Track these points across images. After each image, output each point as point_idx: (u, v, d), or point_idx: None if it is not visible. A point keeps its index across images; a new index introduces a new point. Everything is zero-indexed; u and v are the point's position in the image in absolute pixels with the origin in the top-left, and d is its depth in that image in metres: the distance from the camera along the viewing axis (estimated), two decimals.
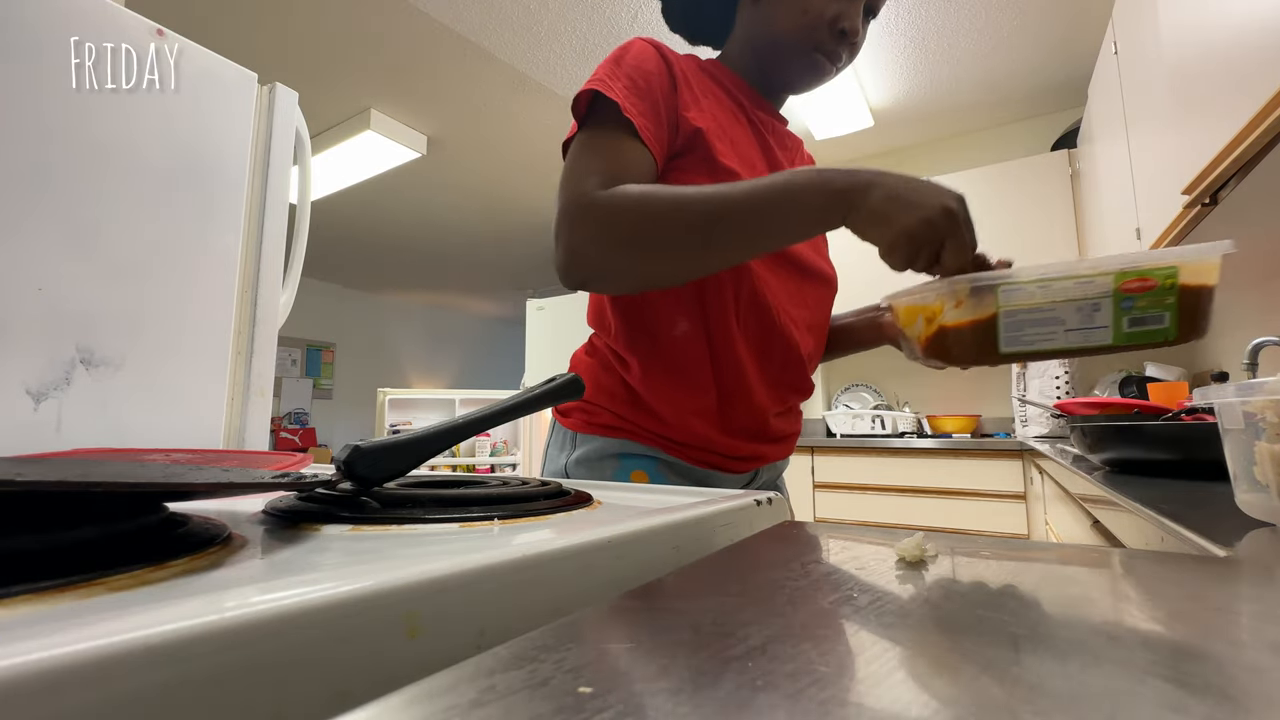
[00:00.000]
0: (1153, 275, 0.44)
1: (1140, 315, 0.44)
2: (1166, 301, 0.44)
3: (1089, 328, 0.45)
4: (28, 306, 0.81)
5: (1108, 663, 0.16)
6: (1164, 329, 0.44)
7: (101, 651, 0.14)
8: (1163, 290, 0.44)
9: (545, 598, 0.25)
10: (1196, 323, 0.45)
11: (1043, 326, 0.46)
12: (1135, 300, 0.44)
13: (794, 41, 0.65)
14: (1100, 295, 0.45)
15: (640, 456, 0.64)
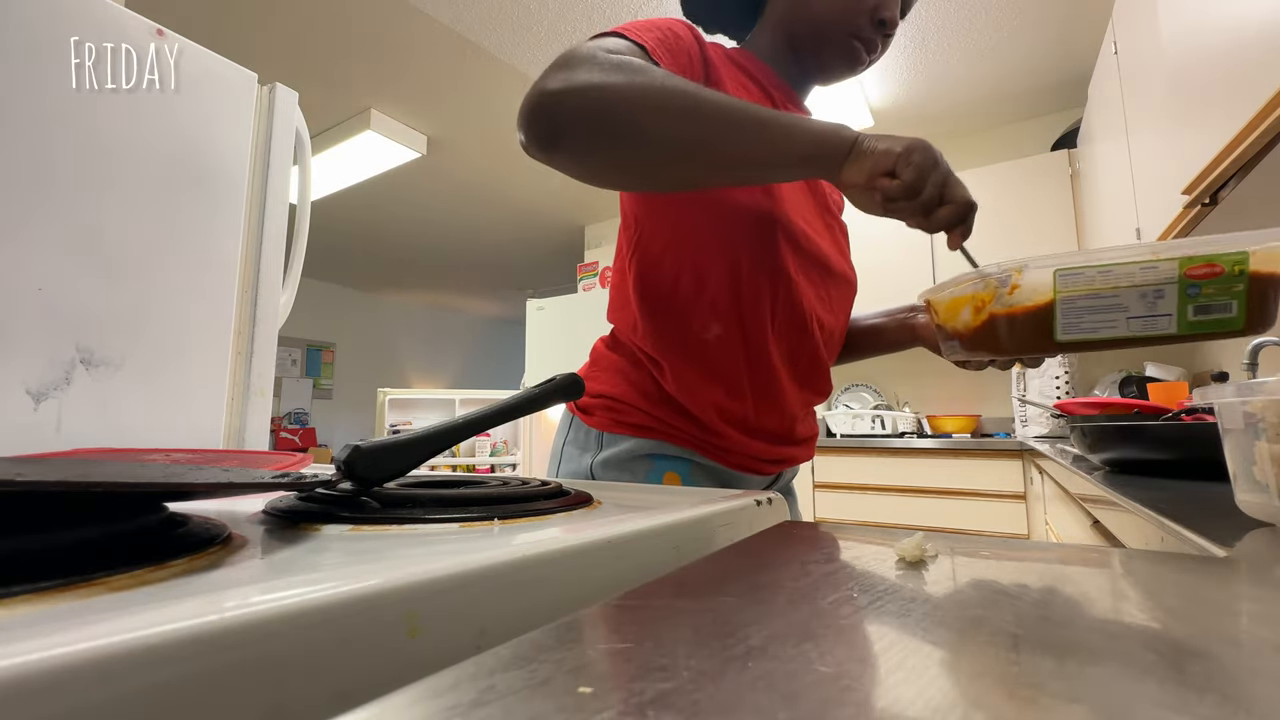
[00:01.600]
0: (1220, 261, 0.41)
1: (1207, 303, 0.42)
2: (1235, 289, 0.41)
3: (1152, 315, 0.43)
4: (28, 306, 0.81)
5: (1108, 662, 0.16)
6: (1232, 318, 0.42)
7: (101, 651, 0.14)
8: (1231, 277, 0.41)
9: (545, 598, 0.25)
10: (1266, 312, 0.42)
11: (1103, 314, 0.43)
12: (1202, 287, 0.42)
13: (834, 26, 0.63)
14: (1165, 281, 0.42)
15: (674, 458, 0.62)
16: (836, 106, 2.80)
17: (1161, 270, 0.42)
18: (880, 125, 3.03)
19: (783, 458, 0.68)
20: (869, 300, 1.10)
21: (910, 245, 2.86)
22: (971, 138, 3.15)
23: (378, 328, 6.53)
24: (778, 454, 0.67)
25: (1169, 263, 0.42)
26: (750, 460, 0.65)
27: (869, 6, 0.62)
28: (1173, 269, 0.42)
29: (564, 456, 0.67)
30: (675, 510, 0.36)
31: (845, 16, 0.62)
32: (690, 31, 0.60)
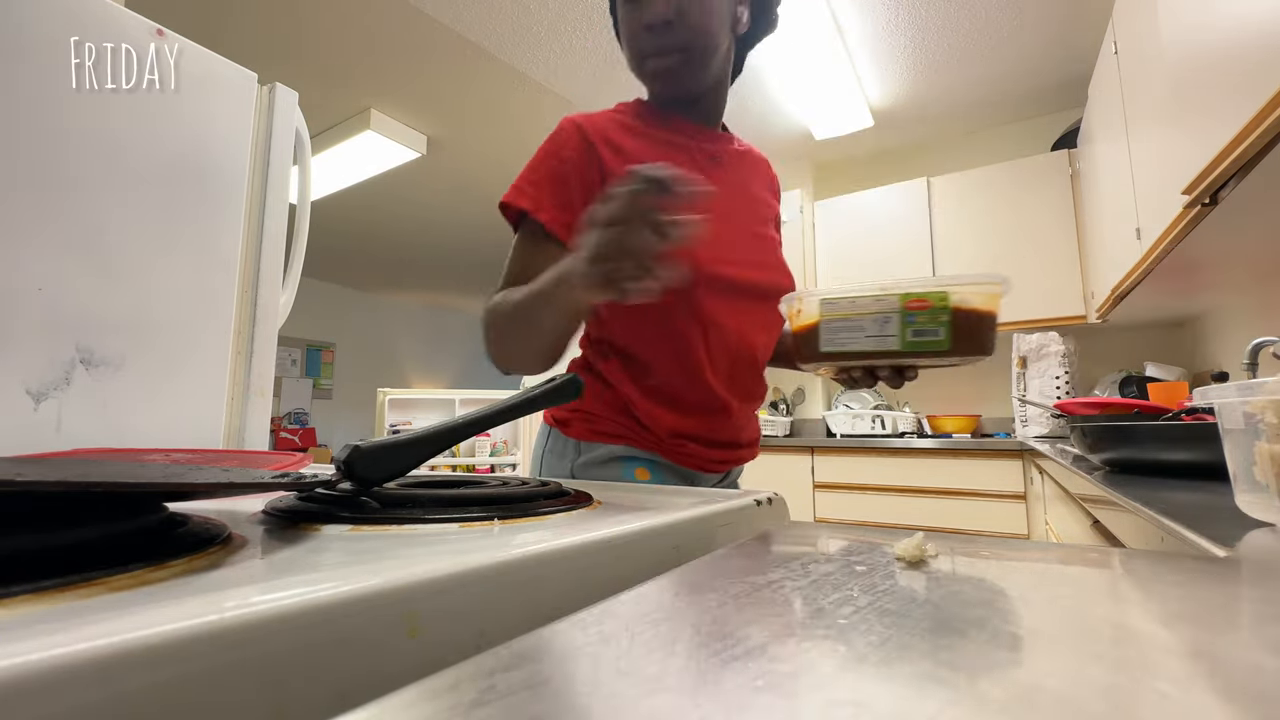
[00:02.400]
0: (929, 297, 0.53)
1: (920, 328, 0.54)
2: (941, 319, 0.53)
3: (883, 335, 0.55)
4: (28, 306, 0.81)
5: (1108, 663, 0.16)
6: (940, 340, 0.53)
7: (101, 651, 0.14)
8: (937, 310, 0.53)
9: (545, 598, 0.25)
10: (972, 339, 0.54)
11: (850, 332, 0.56)
12: (916, 316, 0.54)
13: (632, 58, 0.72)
14: (891, 310, 0.54)
15: (642, 459, 0.72)
16: (837, 107, 2.80)
17: (888, 302, 0.54)
18: (880, 125, 3.04)
19: (732, 459, 0.78)
20: None
21: (914, 246, 2.86)
22: (971, 138, 3.15)
23: (377, 328, 6.53)
24: (727, 456, 0.77)
25: (894, 297, 0.54)
26: (705, 462, 0.75)
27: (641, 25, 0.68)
28: (896, 302, 0.54)
29: (544, 465, 0.76)
30: (675, 510, 0.36)
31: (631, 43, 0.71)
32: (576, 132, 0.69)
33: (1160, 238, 1.27)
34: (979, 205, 2.75)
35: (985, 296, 0.54)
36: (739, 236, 0.74)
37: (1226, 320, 1.99)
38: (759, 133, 3.08)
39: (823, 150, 3.32)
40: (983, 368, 2.95)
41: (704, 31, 0.69)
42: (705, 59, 0.71)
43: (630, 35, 0.70)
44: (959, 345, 0.53)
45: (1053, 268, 2.55)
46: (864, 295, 0.55)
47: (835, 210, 3.09)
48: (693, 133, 0.76)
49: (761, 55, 2.46)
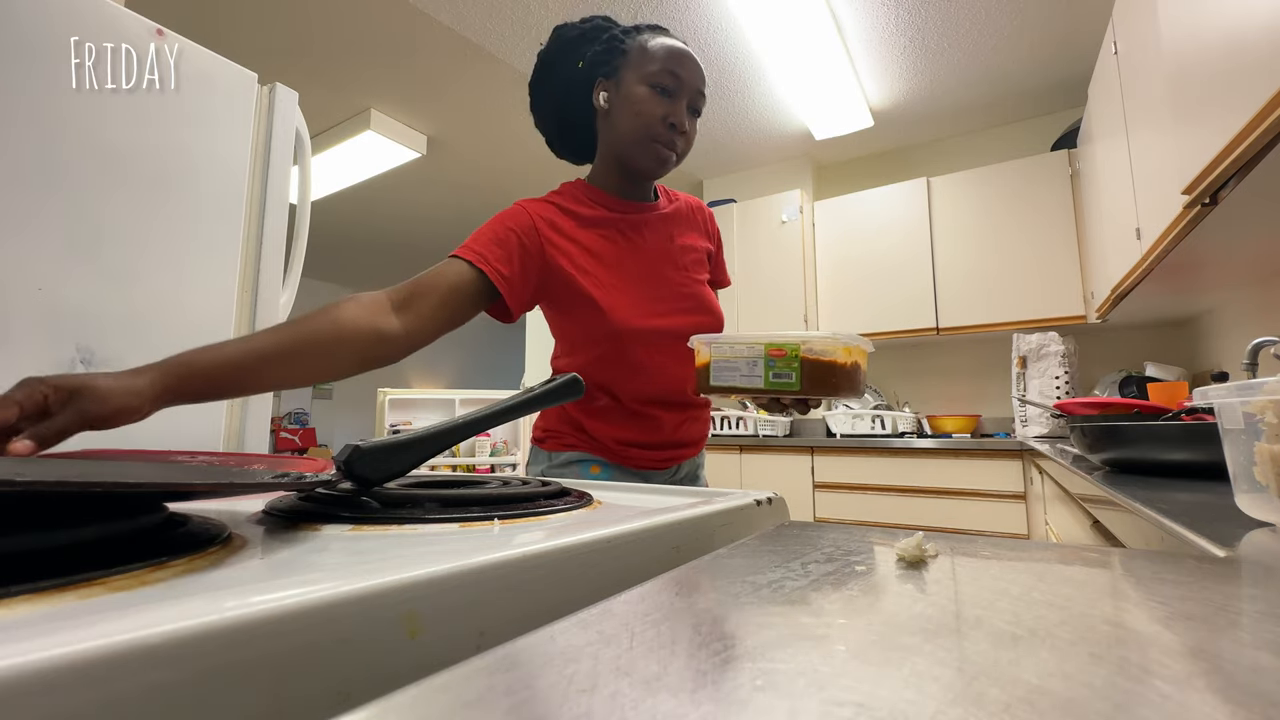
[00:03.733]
0: (785, 347, 0.66)
1: (778, 372, 0.66)
2: (793, 365, 0.65)
3: (752, 375, 0.67)
4: (28, 306, 0.81)
5: (1108, 663, 0.16)
6: (792, 383, 0.65)
7: (101, 651, 0.14)
8: (791, 358, 0.65)
9: (545, 598, 0.25)
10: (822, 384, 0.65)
11: (730, 371, 0.69)
12: (776, 362, 0.66)
13: (637, 136, 0.82)
14: (758, 356, 0.67)
15: (593, 460, 0.87)
16: (837, 107, 2.80)
17: (756, 350, 0.67)
18: (880, 125, 3.04)
19: (673, 457, 0.91)
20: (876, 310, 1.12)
21: (914, 246, 2.86)
22: (971, 138, 3.15)
23: None
24: (669, 455, 0.90)
25: (761, 345, 0.67)
26: (648, 462, 0.89)
27: (660, 115, 0.81)
28: (761, 349, 0.67)
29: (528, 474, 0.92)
30: (675, 510, 0.36)
31: (646, 127, 0.82)
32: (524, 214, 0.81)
33: (1160, 238, 1.27)
34: (979, 205, 2.75)
35: (835, 349, 0.65)
36: (659, 290, 0.87)
37: (1226, 320, 1.99)
38: (759, 133, 3.09)
39: (823, 150, 3.32)
40: (983, 368, 2.96)
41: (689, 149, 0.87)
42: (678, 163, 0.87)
43: (648, 117, 0.81)
44: (809, 387, 0.65)
45: (1053, 268, 2.56)
46: (740, 343, 0.69)
47: (835, 210, 3.09)
48: (622, 208, 0.89)
49: (762, 56, 2.46)
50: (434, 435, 0.39)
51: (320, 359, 0.64)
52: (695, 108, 0.85)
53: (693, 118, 0.85)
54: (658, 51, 0.82)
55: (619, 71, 0.83)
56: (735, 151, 3.29)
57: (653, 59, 0.82)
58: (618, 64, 0.83)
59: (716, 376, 0.70)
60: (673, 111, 0.82)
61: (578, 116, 0.89)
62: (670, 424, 0.88)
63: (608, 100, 0.84)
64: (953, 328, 2.75)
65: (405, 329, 0.71)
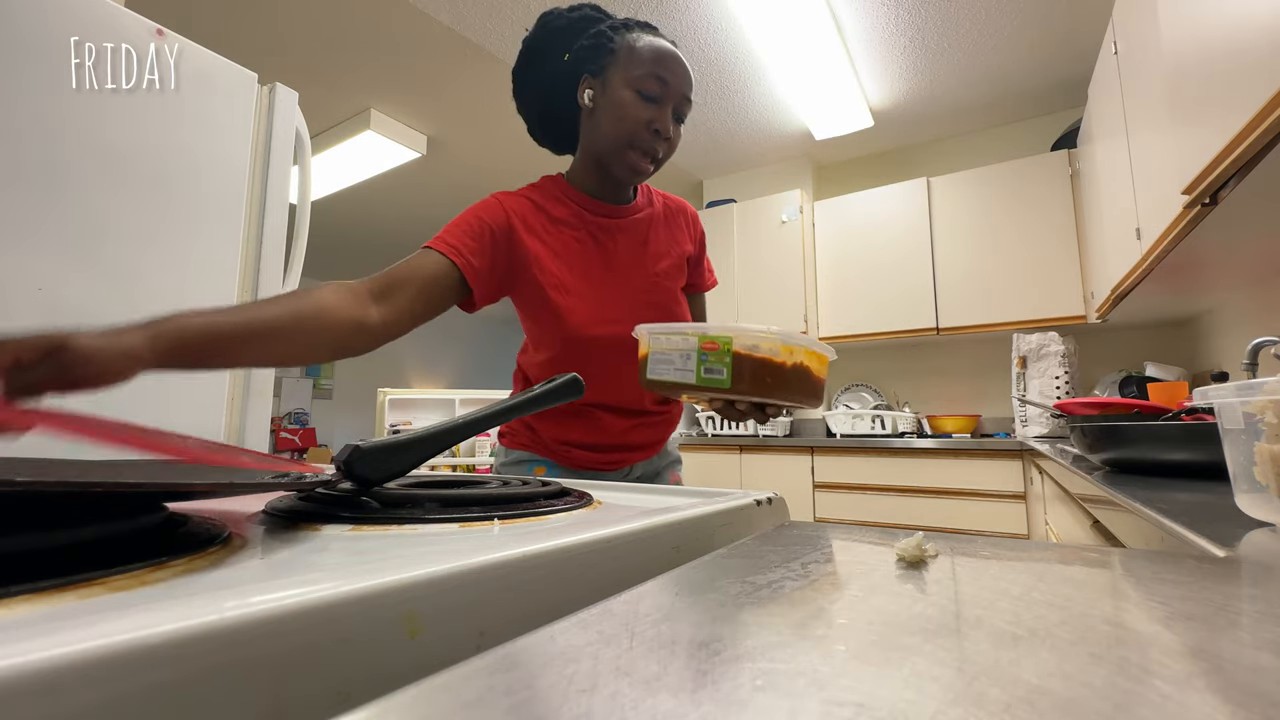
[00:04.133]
0: (718, 341, 0.61)
1: (710, 366, 0.61)
2: (725, 360, 0.60)
3: (685, 369, 0.63)
4: (28, 306, 0.81)
5: (1108, 663, 0.16)
6: (722, 379, 0.60)
7: (101, 651, 0.14)
8: (723, 352, 0.61)
9: (545, 598, 0.25)
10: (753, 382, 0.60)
11: (665, 365, 0.65)
12: (708, 356, 0.61)
13: (618, 140, 0.81)
14: (691, 349, 0.63)
15: (540, 462, 0.89)
16: (837, 107, 2.80)
17: (690, 342, 0.63)
18: (880, 125, 3.04)
19: (619, 460, 0.91)
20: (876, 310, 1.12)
21: (914, 246, 2.87)
22: (971, 138, 3.15)
23: None
24: (614, 458, 0.90)
25: (693, 338, 0.62)
26: (591, 464, 0.89)
27: (644, 120, 0.80)
28: (694, 343, 0.62)
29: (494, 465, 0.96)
30: (675, 510, 0.36)
31: (628, 132, 0.80)
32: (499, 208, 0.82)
33: (1160, 238, 1.27)
34: (979, 205, 2.75)
35: (775, 346, 0.60)
36: (621, 296, 0.86)
37: (1226, 320, 1.99)
38: (759, 133, 3.09)
39: (823, 150, 3.32)
40: (983, 368, 2.96)
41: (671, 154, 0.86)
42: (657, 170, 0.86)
43: (632, 121, 0.80)
44: (741, 387, 0.60)
45: (1053, 268, 2.56)
46: (674, 335, 0.65)
47: (835, 210, 3.09)
48: (595, 209, 0.88)
49: (762, 55, 2.46)
50: (434, 435, 0.39)
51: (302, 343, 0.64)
52: (680, 114, 0.84)
53: (677, 124, 0.84)
54: (645, 53, 0.80)
55: (605, 71, 0.82)
56: (735, 151, 3.29)
57: (640, 61, 0.80)
58: (604, 63, 0.82)
59: (652, 369, 0.66)
60: (657, 117, 0.81)
61: (561, 108, 0.88)
62: (616, 428, 0.88)
63: (592, 99, 0.83)
64: (953, 328, 2.75)
65: (383, 320, 0.70)
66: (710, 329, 0.62)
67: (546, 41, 0.86)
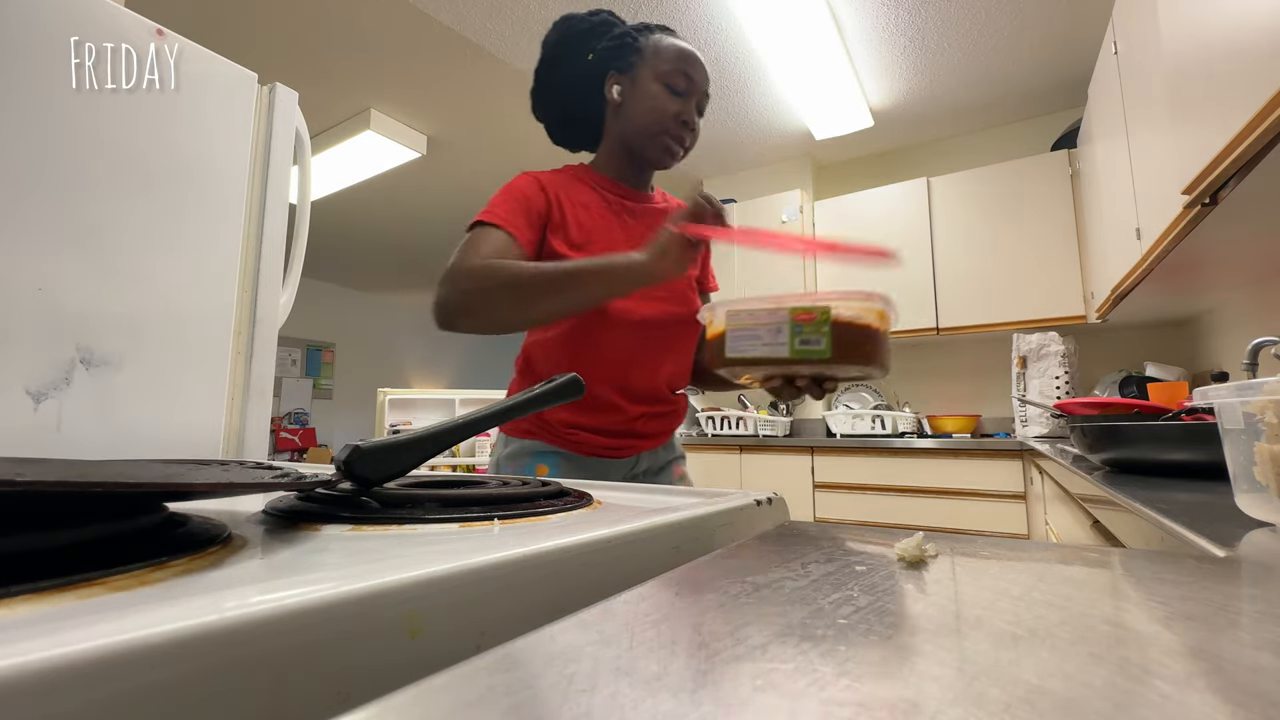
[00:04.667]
0: (814, 311, 0.58)
1: (806, 337, 0.58)
2: (823, 330, 0.58)
3: (775, 343, 0.59)
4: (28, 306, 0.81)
5: (1108, 663, 0.16)
6: (821, 350, 0.58)
7: (101, 651, 0.14)
8: (820, 322, 0.58)
9: (545, 598, 0.25)
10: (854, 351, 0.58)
11: (749, 341, 0.61)
12: (803, 327, 0.58)
13: (650, 130, 0.87)
14: (782, 322, 0.59)
15: (544, 453, 0.87)
16: (837, 107, 2.80)
17: (780, 315, 0.59)
18: (880, 125, 3.04)
19: (627, 447, 0.91)
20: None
21: (914, 246, 2.87)
22: (971, 138, 3.15)
23: (378, 328, 6.53)
24: (622, 444, 0.90)
25: (785, 310, 0.59)
26: (598, 449, 0.88)
27: (673, 112, 0.86)
28: (786, 314, 0.59)
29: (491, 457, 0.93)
30: (675, 510, 0.36)
31: (659, 122, 0.86)
32: (535, 184, 0.86)
33: (1160, 238, 1.27)
34: (979, 205, 2.75)
35: (868, 312, 0.58)
36: None
37: (1226, 320, 1.99)
38: (759, 133, 3.08)
39: (823, 150, 3.32)
40: (983, 368, 2.96)
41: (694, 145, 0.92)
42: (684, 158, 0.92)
43: (661, 114, 0.86)
44: (839, 355, 0.58)
45: (1053, 268, 2.56)
46: (761, 308, 0.61)
47: (835, 210, 3.09)
48: (620, 193, 0.93)
49: (762, 55, 2.46)
50: (434, 435, 0.39)
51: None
52: (701, 108, 0.90)
53: (698, 116, 0.90)
54: (671, 52, 0.87)
55: (634, 68, 0.87)
56: (735, 151, 3.29)
57: (666, 59, 0.87)
58: (632, 60, 0.88)
59: (733, 347, 0.62)
60: (684, 110, 0.87)
61: (583, 106, 0.92)
62: (627, 413, 0.88)
63: (621, 94, 0.88)
64: (953, 328, 2.75)
65: None
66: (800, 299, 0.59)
67: (569, 42, 0.91)
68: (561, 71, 0.92)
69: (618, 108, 0.89)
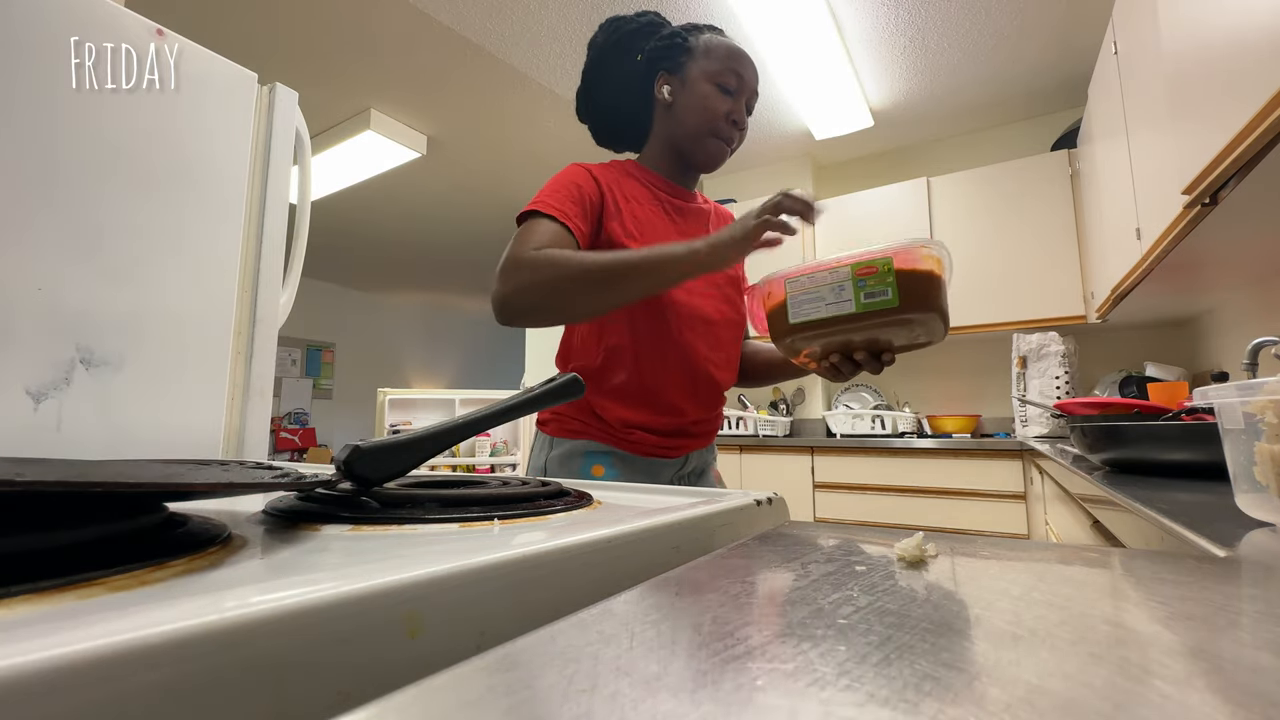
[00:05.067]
0: (875, 264, 0.60)
1: (871, 290, 0.60)
2: (888, 280, 0.59)
3: (840, 301, 0.61)
4: (28, 306, 0.81)
5: (1108, 663, 0.16)
6: (889, 300, 0.59)
7: (101, 651, 0.14)
8: (884, 273, 0.59)
9: (545, 598, 0.25)
10: (920, 298, 0.59)
11: (813, 303, 0.63)
12: (866, 281, 0.60)
13: (700, 130, 0.87)
14: (845, 280, 0.61)
15: (599, 453, 0.85)
16: (837, 107, 2.80)
17: (842, 272, 0.61)
18: (880, 125, 3.04)
19: (680, 447, 0.90)
20: None
21: None
22: (971, 138, 3.15)
23: (378, 328, 6.53)
24: (675, 443, 0.89)
25: (845, 267, 0.61)
26: (653, 449, 0.87)
27: (724, 111, 0.87)
28: (848, 271, 0.61)
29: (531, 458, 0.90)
30: (675, 510, 0.36)
31: (710, 122, 0.87)
32: (587, 174, 0.85)
33: (1160, 238, 1.27)
34: (979, 205, 2.75)
35: (928, 259, 0.60)
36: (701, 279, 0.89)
37: (1226, 320, 1.99)
38: (759, 133, 3.08)
39: (823, 150, 3.32)
40: (983, 368, 2.96)
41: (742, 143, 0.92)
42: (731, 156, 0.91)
43: (712, 113, 0.86)
44: (907, 303, 0.59)
45: (1053, 268, 2.56)
46: (821, 270, 0.63)
47: (835, 210, 3.09)
48: (669, 190, 0.93)
49: (762, 55, 2.46)
50: (434, 435, 0.39)
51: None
52: (750, 106, 0.91)
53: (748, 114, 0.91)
54: (721, 51, 0.87)
55: (684, 68, 0.88)
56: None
57: (718, 58, 0.87)
58: (682, 60, 0.88)
59: (796, 312, 0.63)
60: (734, 109, 0.87)
61: (631, 105, 0.92)
62: (692, 415, 0.88)
63: (671, 94, 0.89)
64: (953, 328, 2.74)
65: None
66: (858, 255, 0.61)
67: (618, 43, 0.91)
68: (610, 72, 0.92)
69: (667, 107, 0.89)
